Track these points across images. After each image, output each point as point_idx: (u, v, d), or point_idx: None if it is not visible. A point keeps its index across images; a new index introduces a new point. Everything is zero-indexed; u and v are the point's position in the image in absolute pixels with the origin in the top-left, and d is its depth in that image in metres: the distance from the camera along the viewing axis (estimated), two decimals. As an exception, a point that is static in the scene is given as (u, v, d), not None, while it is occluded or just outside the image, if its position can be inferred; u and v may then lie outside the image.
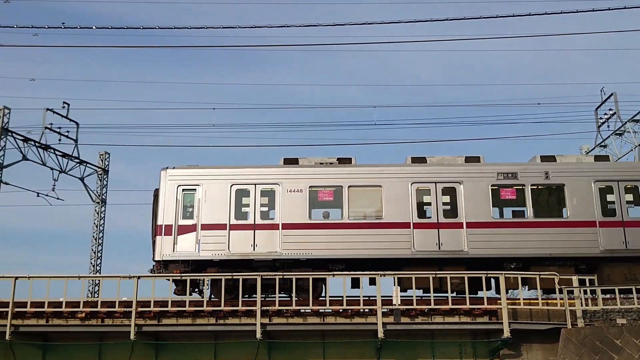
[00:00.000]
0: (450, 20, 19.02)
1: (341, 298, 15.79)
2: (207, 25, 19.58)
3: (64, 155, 29.31)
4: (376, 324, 14.92)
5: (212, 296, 17.76)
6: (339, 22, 18.61)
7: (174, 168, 18.88)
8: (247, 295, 16.80)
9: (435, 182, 18.39)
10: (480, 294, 16.33)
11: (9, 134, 26.55)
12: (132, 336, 15.15)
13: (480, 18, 18.86)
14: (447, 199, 18.33)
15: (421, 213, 18.25)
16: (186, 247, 17.95)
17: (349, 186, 18.42)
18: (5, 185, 26.36)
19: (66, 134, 29.29)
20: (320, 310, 15.89)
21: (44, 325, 16.12)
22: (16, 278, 16.01)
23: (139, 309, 15.51)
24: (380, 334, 14.84)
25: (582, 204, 18.14)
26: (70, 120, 29.37)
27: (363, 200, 18.52)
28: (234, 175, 18.65)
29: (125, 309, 15.70)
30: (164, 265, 18.03)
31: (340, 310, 15.65)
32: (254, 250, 17.90)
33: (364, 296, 15.73)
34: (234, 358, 15.86)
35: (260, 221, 18.17)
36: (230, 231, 18.03)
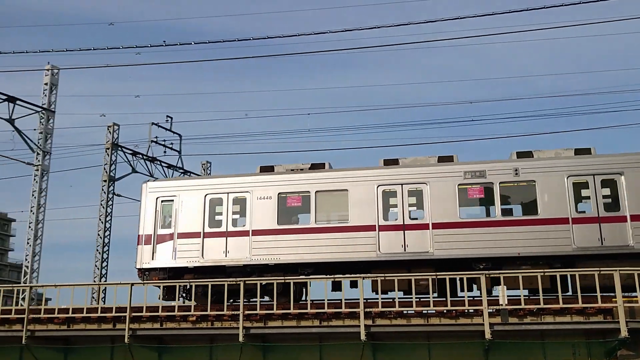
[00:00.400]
0: (547, 8, 18.32)
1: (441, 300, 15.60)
2: (298, 32, 19.93)
3: (169, 166, 30.77)
4: (483, 324, 14.58)
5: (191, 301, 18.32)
6: (431, 19, 18.41)
7: (154, 181, 20.08)
8: (231, 300, 17.23)
9: (402, 184, 18.25)
10: (592, 292, 15.48)
11: (119, 148, 28.18)
12: (240, 338, 15.65)
13: (579, 3, 18.03)
14: (413, 200, 18.17)
15: (387, 215, 18.20)
16: (164, 255, 18.96)
17: (317, 191, 18.62)
18: (117, 197, 28.02)
19: (170, 145, 30.77)
20: (424, 312, 15.74)
21: (159, 329, 16.96)
22: (132, 284, 17.00)
23: (246, 312, 16.00)
24: (488, 335, 14.47)
25: (554, 200, 17.32)
26: (174, 132, 30.81)
27: (330, 204, 18.63)
28: (208, 185, 19.47)
29: (233, 312, 16.24)
30: (144, 273, 19.07)
31: (445, 311, 15.42)
32: (226, 256, 18.60)
33: (468, 296, 15.45)
34: (339, 360, 16.03)
35: (232, 228, 18.85)
36: (204, 239, 18.86)
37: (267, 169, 19.75)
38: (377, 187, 18.34)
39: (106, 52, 22.68)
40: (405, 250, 17.78)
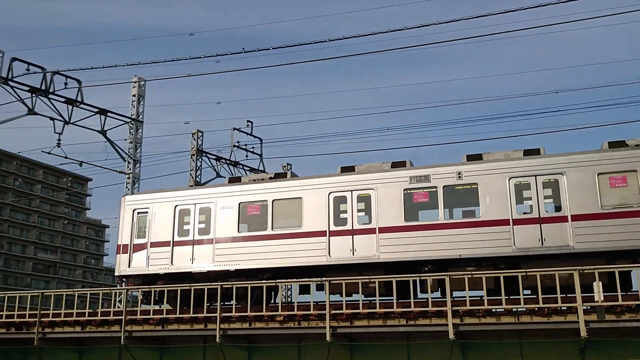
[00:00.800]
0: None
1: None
2: (374, 31, 19.95)
3: (251, 169, 31.46)
4: (577, 322, 14.03)
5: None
6: (510, 9, 17.91)
7: (131, 194, 21.53)
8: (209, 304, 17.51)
9: (352, 190, 18.72)
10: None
11: (204, 154, 29.10)
12: (327, 338, 15.79)
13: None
14: (362, 206, 18.61)
15: (338, 221, 18.66)
16: (139, 263, 20.31)
17: (273, 200, 19.38)
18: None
19: (252, 150, 31.43)
20: (513, 310, 15.33)
21: (248, 329, 17.38)
22: (221, 286, 17.51)
23: (332, 312, 16.12)
24: (583, 333, 13.91)
25: (496, 202, 17.39)
26: (254, 136, 31.47)
27: (286, 212, 19.35)
28: (178, 197, 20.62)
29: (319, 312, 16.40)
30: (122, 279, 20.74)
31: (536, 309, 14.94)
32: (192, 264, 19.76)
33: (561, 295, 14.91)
34: (428, 359, 15.87)
35: (198, 237, 19.95)
36: (174, 247, 20.05)
37: (235, 180, 21.09)
38: (329, 194, 18.97)
39: (188, 62, 23.50)
40: (353, 254, 18.27)
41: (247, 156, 31.20)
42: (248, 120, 31.40)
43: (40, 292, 19.33)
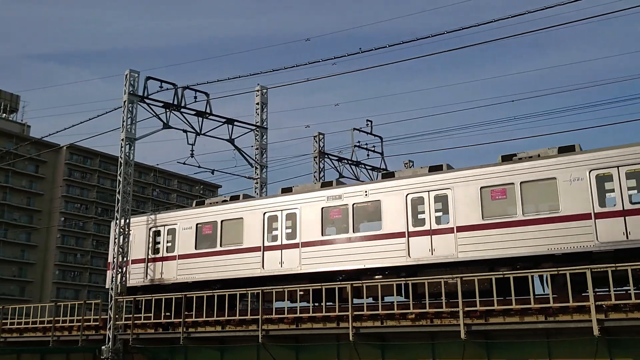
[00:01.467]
0: None
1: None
2: (494, 18, 19.32)
3: (373, 168, 31.52)
4: None
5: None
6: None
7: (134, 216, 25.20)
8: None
9: (282, 210, 21.25)
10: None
11: (326, 156, 29.57)
12: (462, 335, 15.49)
13: None
14: (289, 223, 21.03)
15: (270, 237, 21.28)
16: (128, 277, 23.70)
17: (222, 220, 22.39)
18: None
19: (372, 149, 31.47)
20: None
21: (380, 327, 17.46)
22: (352, 284, 17.73)
23: (466, 309, 15.79)
24: None
25: (395, 217, 19.07)
26: (375, 135, 31.49)
27: (231, 231, 22.16)
28: (152, 220, 24.38)
29: (452, 309, 16.13)
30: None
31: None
32: (161, 277, 23.24)
33: None
34: (571, 357, 15.10)
35: (166, 254, 23.43)
36: (148, 263, 23.73)
37: (200, 203, 24.25)
38: (264, 214, 21.58)
39: (306, 67, 24.01)
40: (281, 266, 20.71)
41: (368, 155, 31.29)
42: (367, 120, 31.47)
43: (183, 294, 20.55)
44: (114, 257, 22.86)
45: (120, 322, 21.64)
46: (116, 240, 23.19)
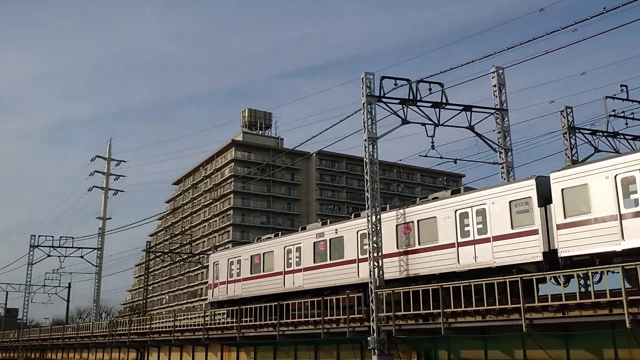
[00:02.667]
0: None
1: None
2: None
3: (634, 137, 28.38)
4: None
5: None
6: None
7: (214, 253, 39.41)
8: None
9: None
10: None
11: (577, 131, 27.40)
12: None
13: None
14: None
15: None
16: (216, 294, 34.83)
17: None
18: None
19: (631, 116, 28.31)
20: None
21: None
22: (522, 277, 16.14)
23: None
24: None
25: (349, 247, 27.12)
26: (633, 101, 28.28)
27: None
28: (232, 253, 35.29)
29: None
30: (212, 304, 36.13)
31: None
32: (234, 293, 33.32)
33: None
34: None
35: (236, 277, 33.61)
36: (228, 284, 34.28)
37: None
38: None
39: (543, 39, 22.43)
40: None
41: (626, 124, 28.19)
42: (622, 85, 28.34)
43: (440, 284, 20.67)
44: (369, 252, 23.80)
45: (382, 314, 22.51)
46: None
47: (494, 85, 27.46)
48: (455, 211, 22.42)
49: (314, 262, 27.65)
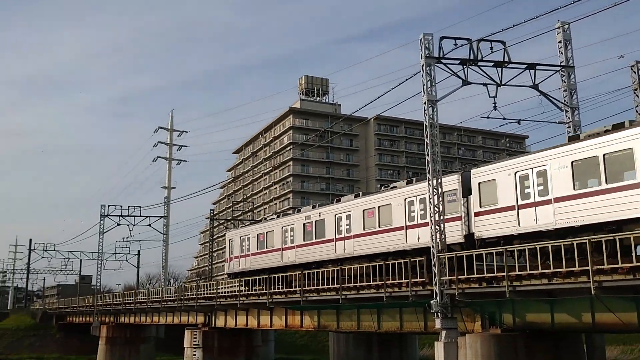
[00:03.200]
0: None
1: None
2: None
3: None
4: None
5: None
6: None
7: (232, 230, 44.53)
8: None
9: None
10: None
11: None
12: None
13: None
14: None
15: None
16: (233, 266, 39.66)
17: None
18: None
19: None
20: None
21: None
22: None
23: None
24: None
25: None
26: None
27: None
28: (240, 231, 40.98)
29: None
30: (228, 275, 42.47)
31: None
32: (246, 265, 38.53)
33: None
34: None
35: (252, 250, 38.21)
36: (241, 259, 38.94)
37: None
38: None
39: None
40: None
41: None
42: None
43: (504, 247, 20.37)
44: (431, 216, 23.60)
45: (445, 277, 22.41)
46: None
47: (559, 42, 26.37)
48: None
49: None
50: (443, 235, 23.16)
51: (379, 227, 27.85)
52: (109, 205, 68.67)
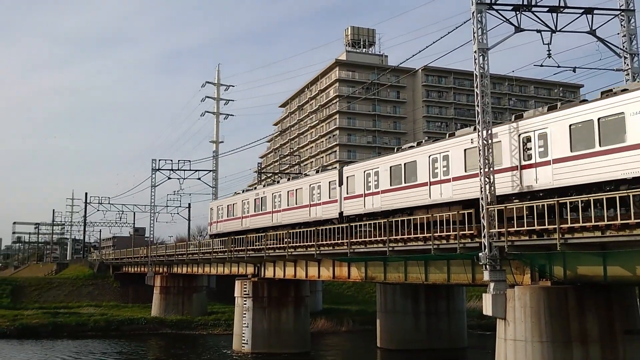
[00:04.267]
0: None
1: None
2: None
3: None
4: None
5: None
6: None
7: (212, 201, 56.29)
8: None
9: None
10: None
11: None
12: None
13: None
14: None
15: None
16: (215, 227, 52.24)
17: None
18: None
19: None
20: None
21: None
22: None
23: None
24: None
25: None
26: None
27: None
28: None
29: None
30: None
31: None
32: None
33: None
34: None
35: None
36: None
37: None
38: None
39: None
40: None
41: None
42: None
43: (556, 200, 19.93)
44: (481, 168, 23.25)
45: (494, 230, 22.16)
46: (481, 152, 23.40)
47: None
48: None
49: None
50: (493, 187, 22.79)
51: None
52: (159, 160, 70.12)
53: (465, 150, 25.63)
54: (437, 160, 27.19)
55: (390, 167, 30.12)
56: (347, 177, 33.57)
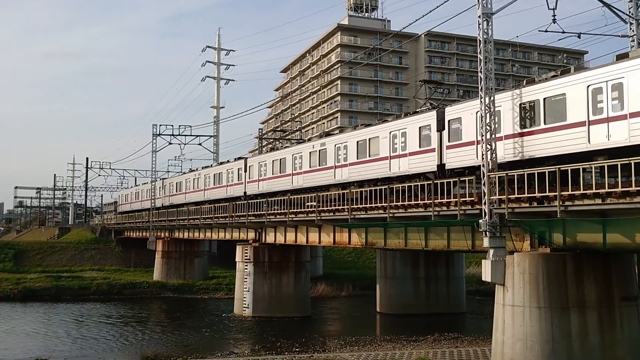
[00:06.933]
0: None
1: None
2: None
3: None
4: None
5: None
6: None
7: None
8: None
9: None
10: None
11: None
12: None
13: None
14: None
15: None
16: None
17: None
18: None
19: None
20: None
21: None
22: None
23: None
24: None
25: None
26: None
27: None
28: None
29: None
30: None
31: None
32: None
33: None
34: None
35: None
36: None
37: None
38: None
39: None
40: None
41: None
42: None
43: (557, 167, 19.90)
44: (482, 135, 23.15)
45: (495, 197, 22.18)
46: (483, 119, 23.27)
47: (627, -53, 24.59)
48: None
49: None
50: (494, 154, 22.73)
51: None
52: (160, 125, 69.88)
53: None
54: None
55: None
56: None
